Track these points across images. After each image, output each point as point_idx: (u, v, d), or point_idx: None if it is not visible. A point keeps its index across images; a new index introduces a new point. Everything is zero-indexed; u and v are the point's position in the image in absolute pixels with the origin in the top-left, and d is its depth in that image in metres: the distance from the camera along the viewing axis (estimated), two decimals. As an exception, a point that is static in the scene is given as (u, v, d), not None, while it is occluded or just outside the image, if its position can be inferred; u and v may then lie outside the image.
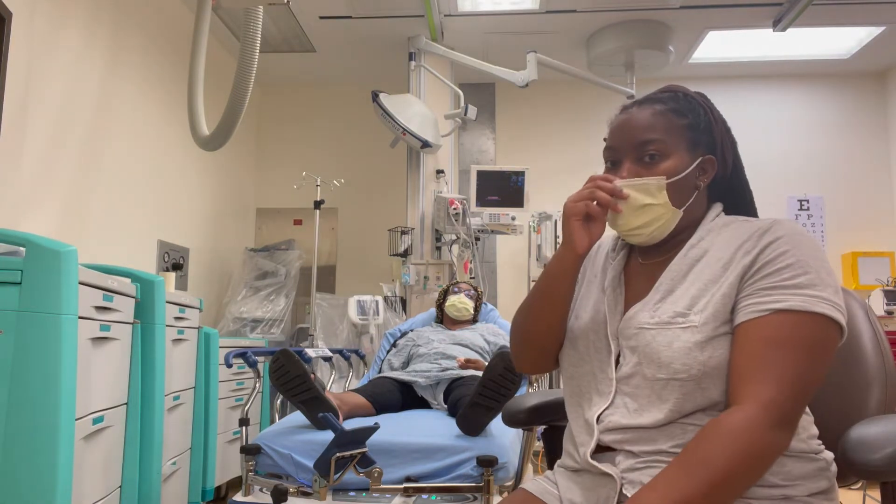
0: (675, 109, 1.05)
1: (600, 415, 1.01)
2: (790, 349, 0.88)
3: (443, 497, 1.75)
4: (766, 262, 0.94)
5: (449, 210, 3.93)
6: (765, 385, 0.87)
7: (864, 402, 1.09)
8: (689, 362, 0.93)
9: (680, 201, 1.03)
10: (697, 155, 1.05)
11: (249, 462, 1.89)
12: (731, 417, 0.87)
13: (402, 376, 2.50)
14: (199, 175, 4.24)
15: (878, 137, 4.99)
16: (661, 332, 0.96)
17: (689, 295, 0.97)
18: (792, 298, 0.90)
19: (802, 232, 0.96)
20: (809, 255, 0.93)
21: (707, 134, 1.06)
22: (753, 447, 0.84)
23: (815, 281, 0.91)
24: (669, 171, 1.02)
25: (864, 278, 4.74)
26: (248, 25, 2.42)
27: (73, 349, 1.72)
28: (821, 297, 0.90)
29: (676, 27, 4.28)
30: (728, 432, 0.85)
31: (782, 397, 0.86)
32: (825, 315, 0.89)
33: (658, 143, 1.03)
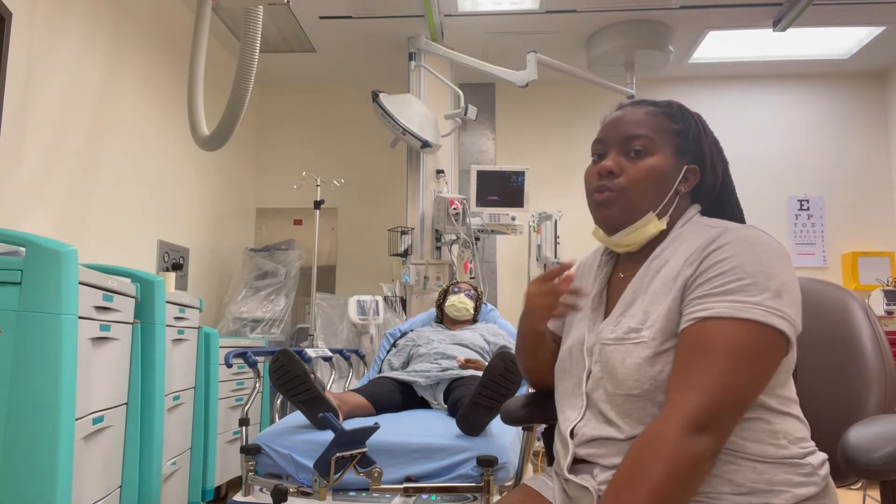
0: (668, 114, 1.07)
1: (573, 428, 1.03)
2: (712, 355, 0.88)
3: (443, 497, 1.75)
4: (703, 272, 0.93)
5: (449, 210, 3.93)
6: (685, 393, 0.87)
7: (863, 401, 1.09)
8: (640, 378, 0.94)
9: (657, 202, 1.04)
10: (683, 162, 1.06)
11: (249, 462, 1.89)
12: (650, 428, 0.88)
13: (402, 376, 2.50)
14: (199, 175, 4.24)
15: (878, 137, 4.99)
16: (617, 348, 0.98)
17: (643, 309, 0.98)
18: (718, 305, 0.89)
19: (752, 238, 0.94)
20: (750, 260, 0.91)
21: (695, 144, 1.07)
22: (671, 454, 0.84)
23: (748, 286, 0.89)
24: (652, 168, 1.03)
25: (864, 278, 4.74)
26: (248, 25, 2.43)
27: (73, 349, 1.72)
28: (751, 303, 0.88)
29: (676, 27, 4.28)
30: (647, 443, 0.87)
31: (701, 403, 0.85)
32: (754, 321, 0.88)
33: (645, 139, 1.05)
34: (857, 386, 1.10)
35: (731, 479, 0.90)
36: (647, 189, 1.03)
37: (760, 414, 0.93)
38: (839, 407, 1.07)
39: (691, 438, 0.84)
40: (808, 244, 4.92)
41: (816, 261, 4.90)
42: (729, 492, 0.90)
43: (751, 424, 0.92)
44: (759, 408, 0.92)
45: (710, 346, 0.88)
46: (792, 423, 0.95)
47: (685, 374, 0.89)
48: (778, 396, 0.94)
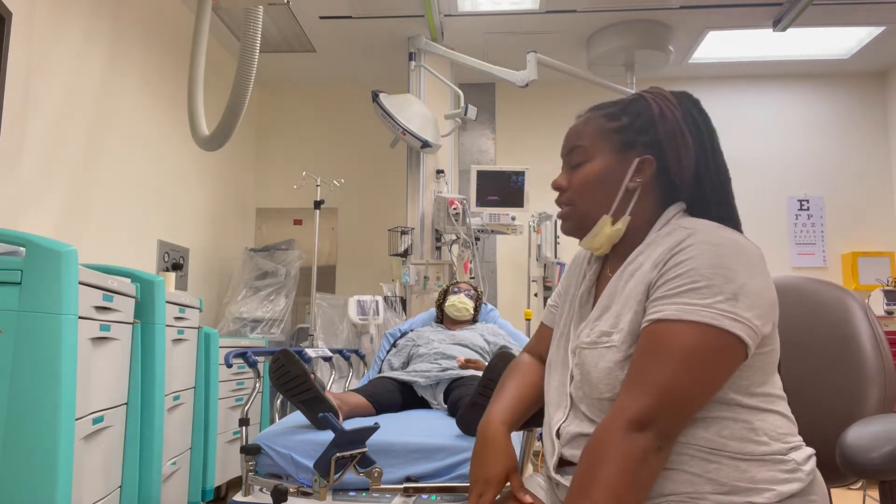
0: (608, 114, 1.07)
1: (559, 428, 1.04)
2: (658, 357, 0.89)
3: (443, 497, 1.75)
4: (663, 274, 0.93)
5: (449, 210, 3.93)
6: (629, 394, 0.89)
7: (863, 401, 1.09)
8: (612, 382, 0.95)
9: (607, 205, 1.04)
10: (631, 156, 1.04)
11: (249, 462, 1.88)
12: (597, 431, 0.90)
13: (402, 376, 2.50)
14: (199, 175, 4.24)
15: (877, 137, 4.99)
16: (591, 352, 0.99)
17: (616, 313, 0.99)
18: (669, 308, 0.90)
19: (717, 240, 0.93)
20: (707, 262, 0.90)
21: (646, 134, 1.04)
22: (616, 452, 0.86)
23: (701, 289, 0.89)
24: (590, 174, 1.05)
25: (864, 278, 4.74)
26: (248, 25, 2.43)
27: (73, 349, 1.72)
28: (701, 305, 0.88)
29: (676, 27, 4.28)
30: (595, 445, 0.89)
31: (643, 403, 0.87)
32: (704, 323, 0.87)
33: (581, 148, 1.07)
34: (856, 385, 1.10)
35: (713, 478, 0.90)
36: (591, 195, 1.05)
37: (738, 413, 0.92)
38: (839, 406, 1.07)
39: (633, 435, 0.86)
40: (808, 244, 4.92)
41: (816, 261, 4.90)
42: (711, 491, 0.90)
43: (729, 423, 0.92)
44: (735, 406, 0.92)
45: (657, 348, 0.90)
46: (774, 420, 0.94)
47: (633, 375, 0.91)
48: (757, 395, 0.94)
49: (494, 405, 1.16)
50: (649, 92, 1.09)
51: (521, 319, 4.28)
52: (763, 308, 0.91)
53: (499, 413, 1.14)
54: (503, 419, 1.13)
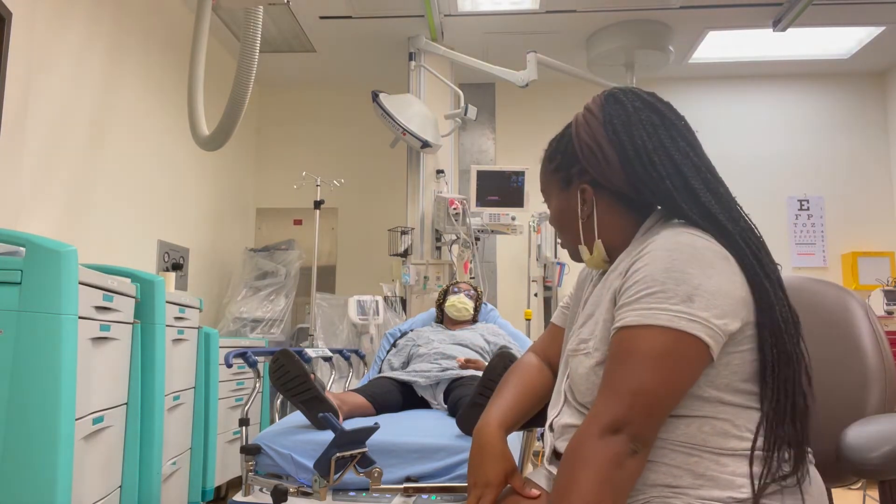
0: (548, 157, 1.16)
1: (552, 422, 1.10)
2: (624, 363, 0.92)
3: (443, 497, 1.75)
4: (624, 282, 0.97)
5: (449, 210, 3.92)
6: (601, 400, 0.92)
7: (863, 400, 1.09)
8: (590, 387, 1.00)
9: (575, 236, 1.12)
10: (574, 188, 1.10)
11: (249, 462, 1.88)
12: (573, 438, 0.93)
13: (401, 376, 2.50)
14: (199, 175, 4.24)
15: (878, 137, 4.99)
16: (573, 358, 1.05)
17: (595, 320, 1.03)
18: (630, 314, 0.93)
19: (671, 245, 0.94)
20: (660, 268, 0.92)
21: (574, 163, 1.09)
22: (591, 457, 0.88)
23: (656, 293, 0.91)
24: (554, 218, 1.16)
25: (864, 278, 4.74)
26: (248, 25, 2.43)
27: (73, 349, 1.72)
28: (658, 309, 0.90)
29: (676, 27, 4.28)
30: (571, 452, 0.92)
31: (614, 408, 0.90)
32: (662, 326, 0.90)
33: (543, 193, 1.18)
34: (857, 385, 1.10)
35: (693, 470, 0.92)
36: (562, 232, 1.15)
37: (720, 410, 0.93)
38: (840, 406, 1.07)
39: (606, 439, 0.89)
40: (808, 244, 4.92)
41: (816, 261, 4.90)
42: (690, 485, 0.91)
43: (710, 420, 0.93)
44: (717, 403, 0.93)
45: (623, 354, 0.93)
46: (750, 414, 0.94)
47: (605, 382, 0.94)
48: (742, 392, 0.94)
49: (491, 408, 1.17)
50: (583, 109, 1.11)
51: (521, 319, 4.28)
52: (723, 307, 0.90)
53: (495, 416, 1.15)
54: (499, 423, 1.14)
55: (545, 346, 1.28)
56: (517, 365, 1.27)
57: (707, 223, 0.98)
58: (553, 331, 1.28)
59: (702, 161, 1.02)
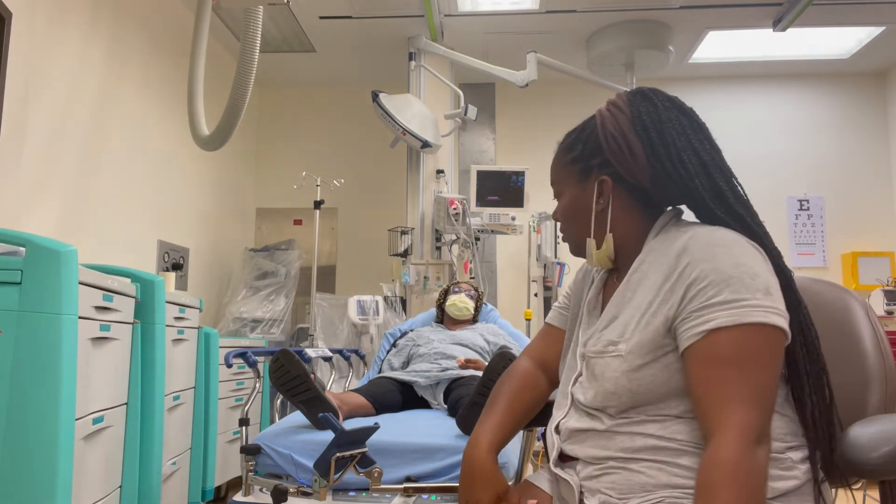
0: (566, 147, 1.13)
1: (558, 424, 1.08)
2: (737, 365, 0.89)
3: (443, 497, 1.75)
4: (688, 286, 0.94)
5: (449, 210, 3.92)
6: (731, 408, 0.88)
7: (864, 401, 1.08)
8: (618, 390, 0.97)
9: (586, 229, 1.09)
10: (591, 181, 1.08)
11: (249, 462, 1.88)
12: (720, 456, 0.86)
13: (401, 376, 2.50)
14: (199, 175, 4.24)
15: (878, 137, 4.99)
16: (599, 360, 1.02)
17: (623, 322, 1.01)
18: (720, 315, 0.90)
19: (717, 241, 0.95)
20: (726, 265, 0.92)
21: (597, 155, 1.07)
22: (750, 475, 0.85)
23: (738, 290, 0.91)
24: (563, 208, 1.13)
25: (864, 278, 4.74)
26: (248, 25, 2.43)
27: (73, 349, 1.72)
28: (748, 306, 0.90)
29: (676, 27, 4.28)
30: (728, 473, 0.85)
31: (752, 416, 0.87)
32: (759, 323, 0.89)
33: (554, 185, 1.16)
34: (857, 385, 1.10)
35: None
36: (570, 225, 1.13)
37: None
38: (840, 406, 1.06)
39: (754, 452, 0.86)
40: (808, 244, 4.92)
41: (816, 261, 4.90)
42: None
43: None
44: None
45: (727, 357, 0.90)
46: (774, 419, 0.95)
47: (718, 388, 0.90)
48: None
49: (481, 428, 1.15)
50: (606, 104, 1.09)
51: (521, 319, 4.28)
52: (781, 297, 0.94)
53: (485, 438, 1.13)
54: (489, 445, 1.13)
55: (541, 349, 1.26)
56: (510, 373, 1.25)
57: (735, 223, 1.00)
58: (550, 332, 1.26)
59: (725, 165, 1.04)
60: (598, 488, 0.98)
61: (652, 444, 0.95)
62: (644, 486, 0.94)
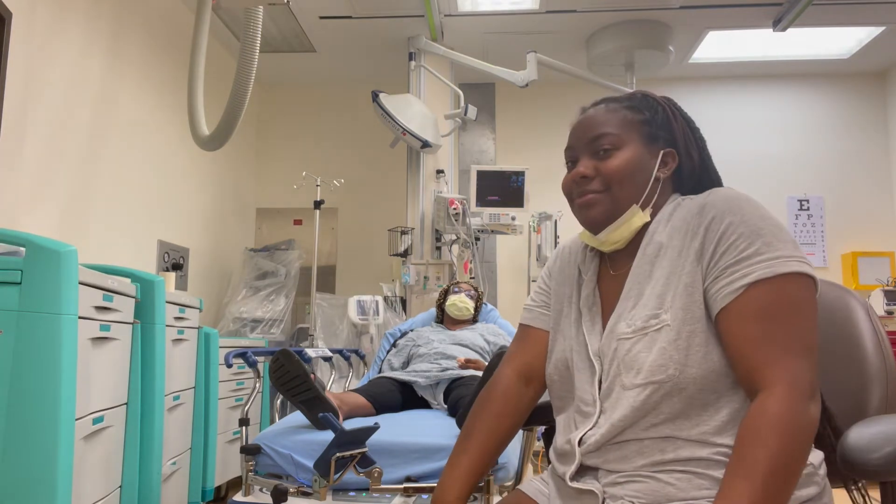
0: (630, 106, 1.08)
1: (583, 437, 0.99)
2: (781, 318, 0.87)
3: (443, 497, 1.75)
4: (717, 241, 0.93)
5: (449, 210, 3.92)
6: (781, 362, 0.85)
7: (864, 401, 1.08)
8: (666, 363, 0.91)
9: (638, 194, 1.03)
10: (656, 148, 1.06)
11: (249, 462, 1.88)
12: (768, 407, 0.84)
13: (401, 376, 2.50)
14: (199, 175, 4.24)
15: (877, 137, 4.99)
16: (640, 339, 0.95)
17: (656, 294, 0.96)
18: (756, 268, 0.89)
19: (738, 196, 0.96)
20: (754, 216, 0.92)
21: (665, 130, 1.07)
22: (801, 429, 0.83)
23: (770, 242, 0.90)
24: (625, 161, 1.03)
25: (864, 278, 4.74)
26: (248, 25, 2.43)
27: (73, 349, 1.71)
28: (783, 257, 0.89)
29: (676, 27, 4.28)
30: (775, 423, 0.82)
31: (803, 367, 0.85)
32: (794, 272, 0.89)
33: (611, 136, 1.05)
34: (858, 385, 1.10)
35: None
36: (625, 183, 1.03)
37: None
38: (841, 406, 1.06)
39: (807, 406, 0.84)
40: (808, 244, 4.92)
41: (816, 261, 4.90)
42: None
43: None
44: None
45: (769, 309, 0.88)
46: None
47: (764, 342, 0.87)
48: None
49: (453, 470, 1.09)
50: (643, 92, 1.12)
51: (521, 319, 4.28)
52: None
53: (455, 486, 1.07)
54: (457, 496, 1.06)
55: (524, 357, 1.18)
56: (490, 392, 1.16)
57: None
58: (529, 335, 1.18)
59: None
60: (622, 495, 0.93)
61: (685, 455, 0.91)
62: (671, 497, 0.90)
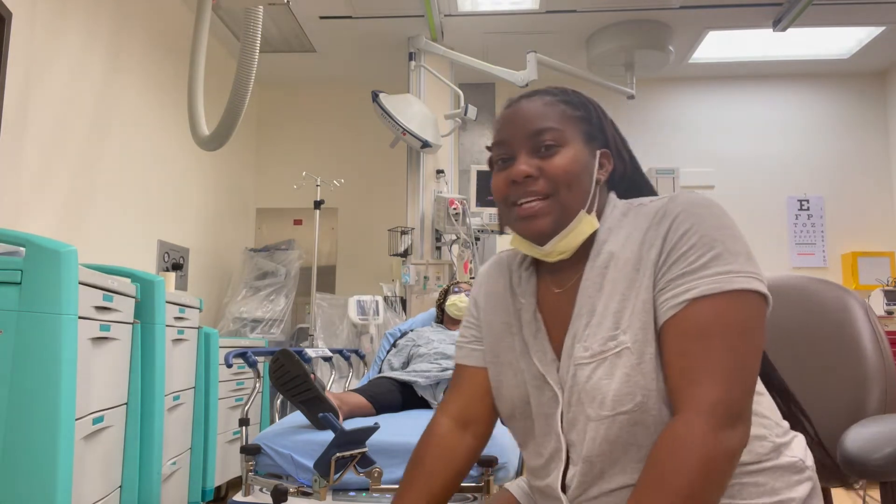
0: (567, 101, 0.98)
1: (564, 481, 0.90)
2: (717, 338, 0.80)
3: (443, 497, 1.75)
4: (670, 249, 0.85)
5: (449, 210, 3.92)
6: (701, 385, 0.79)
7: (863, 401, 1.08)
8: (633, 390, 0.84)
9: (584, 198, 0.94)
10: (594, 149, 0.97)
11: (249, 462, 1.88)
12: (676, 430, 0.79)
13: (402, 376, 2.50)
14: (199, 175, 4.24)
15: (878, 137, 4.99)
16: (600, 365, 0.86)
17: (611, 311, 0.88)
18: (702, 283, 0.82)
19: (700, 202, 0.87)
20: (711, 226, 0.85)
21: (600, 130, 0.99)
22: (708, 457, 0.76)
23: (721, 255, 0.83)
24: (571, 161, 0.93)
25: (864, 278, 4.74)
26: (248, 25, 2.43)
27: (73, 349, 1.72)
28: (732, 272, 0.82)
29: (676, 27, 4.28)
30: (679, 447, 0.77)
31: (723, 393, 0.78)
32: (741, 290, 0.82)
33: (554, 131, 0.94)
34: (856, 385, 1.10)
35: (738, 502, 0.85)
36: (572, 186, 0.92)
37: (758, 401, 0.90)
38: (840, 406, 1.07)
39: (723, 433, 0.77)
40: (808, 244, 4.92)
41: (816, 261, 4.90)
42: None
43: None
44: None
45: (707, 328, 0.81)
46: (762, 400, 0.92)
47: (693, 363, 0.81)
48: None
49: None
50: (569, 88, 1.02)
51: (521, 319, 4.28)
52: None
53: None
54: None
55: (461, 402, 1.07)
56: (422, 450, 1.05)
57: None
58: (466, 375, 1.08)
59: None
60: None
61: None
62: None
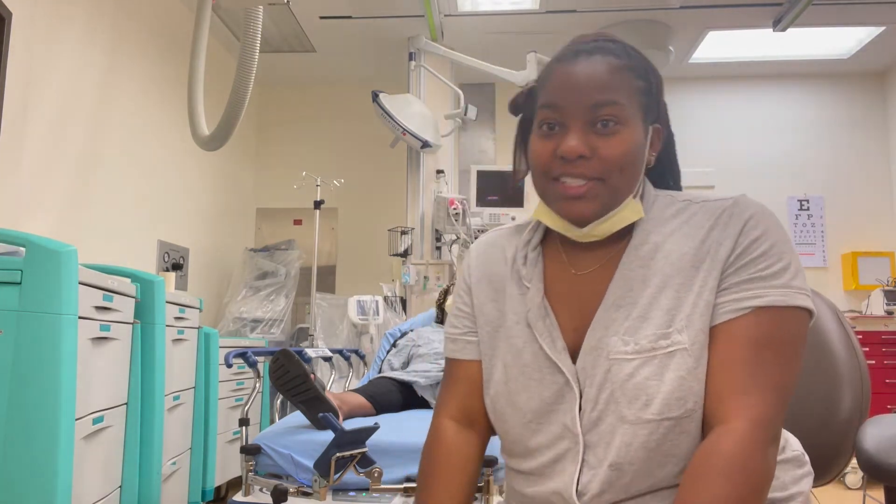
0: (632, 67, 0.85)
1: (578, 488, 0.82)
2: (773, 351, 0.77)
3: (443, 497, 1.75)
4: (741, 252, 0.81)
5: (449, 210, 3.92)
6: (751, 397, 0.76)
7: (836, 401, 1.08)
8: (685, 395, 0.78)
9: (634, 182, 0.86)
10: (648, 124, 0.87)
11: (249, 462, 1.88)
12: (723, 443, 0.74)
13: (401, 376, 2.50)
14: (199, 175, 4.24)
15: (877, 137, 4.99)
16: (647, 363, 0.79)
17: (663, 307, 0.81)
18: (771, 292, 0.78)
19: (767, 210, 0.84)
20: (781, 237, 0.82)
21: (657, 102, 0.88)
22: (756, 474, 0.73)
23: (789, 267, 0.80)
24: (629, 144, 0.83)
25: (864, 278, 4.74)
26: (248, 25, 2.43)
27: (73, 349, 1.72)
28: (797, 288, 0.80)
29: (676, 27, 4.28)
30: (725, 463, 0.72)
31: (771, 409, 0.75)
32: (802, 307, 0.79)
33: (616, 106, 0.82)
34: (829, 389, 1.09)
35: None
36: (625, 170, 0.83)
37: None
38: (811, 407, 1.06)
39: (769, 450, 0.74)
40: (808, 244, 4.92)
41: (816, 261, 4.90)
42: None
43: None
44: None
45: (766, 339, 0.78)
46: None
47: (746, 373, 0.77)
48: None
49: None
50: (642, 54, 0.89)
51: (521, 319, 4.28)
52: None
53: None
54: None
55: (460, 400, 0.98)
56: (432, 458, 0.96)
57: None
58: (462, 370, 0.99)
59: None
60: None
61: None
62: None
